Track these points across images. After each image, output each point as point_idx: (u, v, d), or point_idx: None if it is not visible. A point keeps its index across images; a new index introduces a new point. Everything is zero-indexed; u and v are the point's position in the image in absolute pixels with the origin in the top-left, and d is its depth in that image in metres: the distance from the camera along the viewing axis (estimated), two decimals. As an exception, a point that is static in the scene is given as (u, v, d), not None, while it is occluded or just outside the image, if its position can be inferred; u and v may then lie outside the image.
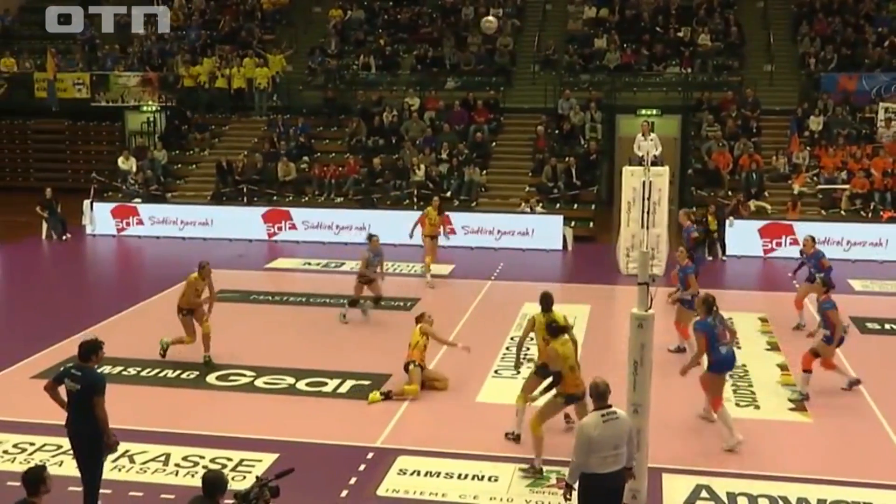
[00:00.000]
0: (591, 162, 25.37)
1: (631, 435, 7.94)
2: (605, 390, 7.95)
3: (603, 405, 7.89)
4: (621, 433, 7.81)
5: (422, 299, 17.60)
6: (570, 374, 9.94)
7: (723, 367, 11.03)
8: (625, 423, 7.90)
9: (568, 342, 10.19)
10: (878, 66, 26.89)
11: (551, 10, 31.58)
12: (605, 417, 7.81)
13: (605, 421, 7.79)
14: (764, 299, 18.05)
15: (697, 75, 27.83)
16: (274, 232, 23.86)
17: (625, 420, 7.94)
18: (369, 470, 10.17)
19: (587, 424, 7.82)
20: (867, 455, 10.72)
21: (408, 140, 26.41)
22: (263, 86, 29.07)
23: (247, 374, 13.22)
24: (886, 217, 22.32)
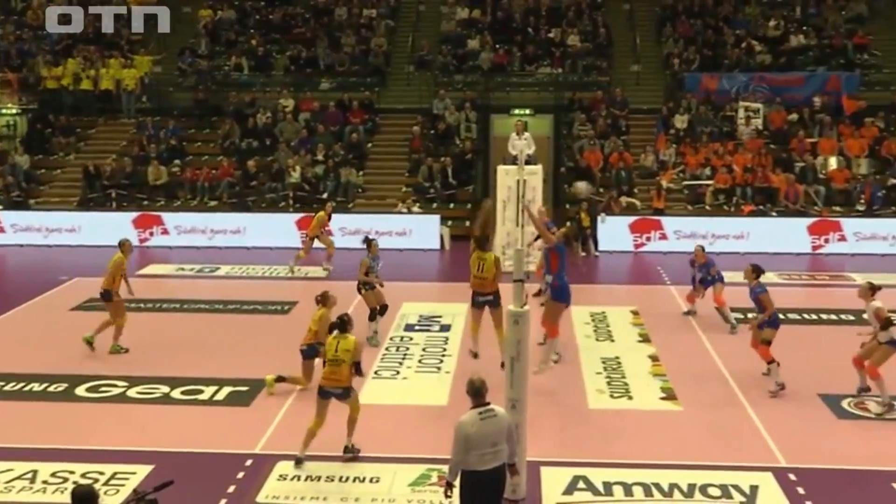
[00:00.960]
0: (467, 161, 25.63)
1: (511, 431, 8.01)
2: (482, 388, 8.01)
3: (480, 403, 7.96)
4: (499, 430, 7.87)
5: (299, 302, 17.42)
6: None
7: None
8: (503, 420, 7.96)
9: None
10: (737, 67, 28.06)
11: (425, 11, 31.76)
12: (483, 415, 7.88)
13: (483, 418, 7.86)
14: (635, 292, 18.60)
15: (568, 75, 28.44)
16: (145, 237, 23.23)
17: (503, 417, 7.99)
18: (248, 477, 10.01)
19: (464, 422, 7.87)
20: (734, 440, 11.17)
21: (283, 142, 26.12)
22: (131, 87, 28.27)
23: (118, 385, 12.83)
24: (748, 211, 23.33)
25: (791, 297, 18.21)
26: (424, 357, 14.22)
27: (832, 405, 12.12)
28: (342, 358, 10.15)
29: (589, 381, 13.10)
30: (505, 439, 7.91)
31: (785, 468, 10.24)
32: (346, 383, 10.27)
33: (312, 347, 12.30)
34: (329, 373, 10.22)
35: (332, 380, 10.22)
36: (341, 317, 10.60)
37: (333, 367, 10.19)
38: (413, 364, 13.88)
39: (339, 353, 10.16)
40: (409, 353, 14.42)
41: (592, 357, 14.00)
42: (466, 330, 15.30)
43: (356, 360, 10.26)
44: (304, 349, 12.51)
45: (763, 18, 29.91)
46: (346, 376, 10.23)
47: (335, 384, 10.22)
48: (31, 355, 14.14)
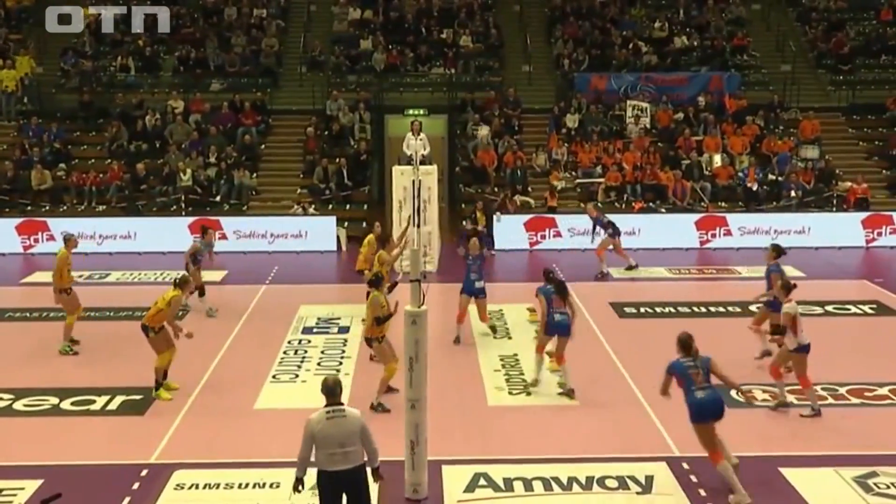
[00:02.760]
0: (362, 162, 25.55)
1: (365, 434, 7.95)
2: (335, 387, 8.06)
3: (331, 402, 7.98)
4: (349, 432, 7.86)
5: (193, 308, 17.08)
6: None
7: (702, 413, 9.65)
8: (353, 422, 7.92)
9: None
10: (625, 67, 28.72)
11: (316, 11, 31.49)
12: (331, 415, 7.90)
13: (330, 418, 7.88)
14: (532, 290, 18.70)
15: (461, 76, 28.64)
16: (30, 244, 22.41)
17: (354, 419, 7.95)
18: (144, 488, 9.79)
19: (311, 420, 7.94)
20: (629, 432, 11.45)
21: (173, 144, 25.55)
22: (11, 89, 27.23)
23: (4, 398, 12.36)
24: (638, 208, 23.91)
25: (680, 290, 18.78)
26: (323, 360, 14.13)
27: (721, 395, 12.48)
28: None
29: (488, 378, 13.24)
30: (356, 441, 7.90)
31: (678, 457, 10.56)
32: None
33: (146, 328, 12.48)
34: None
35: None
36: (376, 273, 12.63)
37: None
38: (312, 367, 13.78)
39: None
40: (308, 356, 14.31)
41: (491, 354, 14.14)
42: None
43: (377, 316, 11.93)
44: (143, 326, 12.50)
45: (649, 20, 30.71)
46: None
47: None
48: None
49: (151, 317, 12.36)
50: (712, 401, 9.62)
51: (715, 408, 9.61)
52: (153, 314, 12.36)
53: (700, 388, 9.62)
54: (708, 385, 9.68)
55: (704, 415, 9.58)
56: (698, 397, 9.58)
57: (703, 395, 9.60)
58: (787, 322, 11.67)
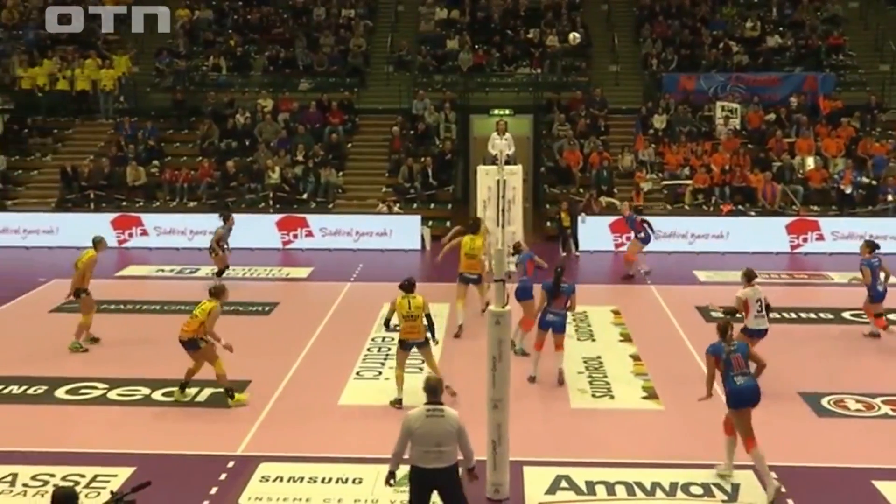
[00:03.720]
0: (447, 162, 25.63)
1: (462, 435, 7.98)
2: (437, 386, 8.10)
3: (432, 400, 8.02)
4: (445, 432, 7.89)
5: (281, 303, 17.39)
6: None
7: (740, 399, 9.80)
8: (451, 422, 7.95)
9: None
10: (714, 67, 28.22)
11: (403, 12, 31.73)
12: (430, 413, 7.95)
13: (429, 416, 7.93)
14: (615, 292, 18.64)
15: (547, 76, 28.51)
16: (125, 239, 23.07)
17: (452, 419, 7.97)
18: (230, 479, 9.98)
19: (410, 416, 7.99)
20: (715, 438, 11.18)
21: (262, 142, 26.03)
22: (109, 88, 28.07)
23: (99, 387, 12.74)
24: (726, 210, 23.46)
25: (770, 295, 18.23)
26: (407, 357, 14.15)
27: (812, 403, 12.22)
28: (416, 314, 11.95)
29: (571, 380, 13.14)
30: (452, 442, 7.93)
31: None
32: (424, 334, 12.06)
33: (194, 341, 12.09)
34: (409, 327, 12.02)
35: (412, 332, 12.01)
36: (409, 279, 12.39)
37: (412, 322, 12.00)
38: (395, 364, 13.81)
39: (413, 310, 11.96)
40: (391, 353, 14.34)
41: (574, 357, 14.03)
42: (449, 329, 15.41)
43: (427, 314, 12.02)
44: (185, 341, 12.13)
45: (740, 19, 30.11)
46: (423, 328, 12.02)
47: (416, 336, 12.02)
48: (10, 357, 14.03)
49: (195, 330, 12.07)
50: (750, 388, 9.74)
51: (752, 395, 9.74)
52: (196, 327, 12.07)
53: (740, 373, 9.78)
54: (748, 371, 9.84)
55: (742, 401, 9.71)
56: (738, 383, 9.72)
57: (742, 382, 9.74)
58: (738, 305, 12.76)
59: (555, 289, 12.94)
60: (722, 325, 10.18)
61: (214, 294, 12.43)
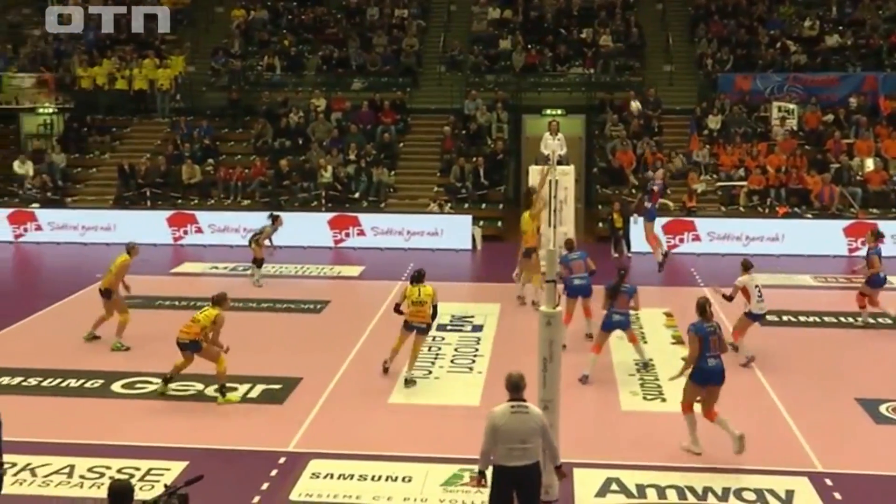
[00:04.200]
0: (498, 162, 25.60)
1: (546, 432, 7.97)
2: (519, 382, 8.01)
3: (516, 397, 7.96)
4: (530, 428, 7.84)
5: (332, 301, 17.51)
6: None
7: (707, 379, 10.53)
8: (535, 418, 7.92)
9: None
10: (771, 67, 27.82)
11: (456, 11, 31.75)
12: (514, 409, 7.88)
13: (514, 413, 7.86)
14: (668, 294, 18.45)
15: (600, 76, 28.33)
16: (179, 236, 23.41)
17: (536, 416, 7.95)
18: (281, 474, 10.07)
19: (495, 413, 7.91)
20: (767, 443, 11.06)
21: (314, 141, 26.23)
22: (165, 87, 28.50)
23: (153, 382, 12.94)
24: (782, 213, 23.10)
25: (827, 299, 18.06)
26: (456, 357, 14.22)
27: (870, 410, 11.98)
28: (425, 300, 12.78)
29: (622, 383, 13.05)
30: (537, 438, 7.88)
31: (821, 473, 10.14)
32: (429, 321, 12.88)
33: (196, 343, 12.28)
34: (415, 311, 12.76)
35: (418, 316, 12.75)
36: (419, 270, 13.17)
37: (418, 307, 12.75)
38: (445, 364, 13.88)
39: (422, 297, 12.79)
40: (441, 353, 14.43)
41: (625, 359, 13.93)
42: (499, 331, 15.40)
43: (435, 304, 12.90)
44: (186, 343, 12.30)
45: (798, 18, 29.64)
46: (428, 315, 12.81)
47: (421, 320, 12.76)
48: (67, 352, 14.32)
49: (196, 333, 12.24)
50: (718, 369, 10.54)
51: (720, 376, 10.57)
52: (197, 331, 12.27)
53: (713, 355, 10.53)
54: (719, 354, 10.61)
55: (707, 381, 10.52)
56: (709, 364, 10.49)
57: (713, 364, 10.52)
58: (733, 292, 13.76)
59: (616, 289, 13.19)
60: (700, 304, 10.84)
61: (217, 302, 12.60)
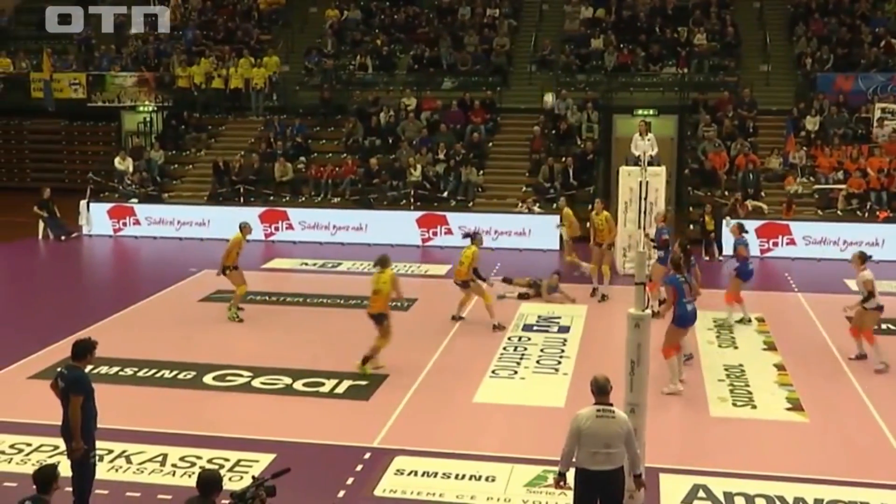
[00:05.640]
0: (588, 162, 25.38)
1: (630, 439, 7.84)
2: (605, 385, 7.91)
3: (602, 401, 7.87)
4: (614, 433, 7.74)
5: (419, 300, 17.60)
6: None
7: (686, 321, 12.44)
8: (621, 423, 7.81)
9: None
10: (874, 67, 26.92)
11: (548, 11, 31.57)
12: (600, 413, 7.79)
13: (599, 416, 7.77)
14: (760, 299, 18.01)
15: (694, 75, 27.85)
16: (271, 232, 23.85)
17: (621, 421, 7.84)
18: (366, 470, 10.16)
19: (580, 416, 7.83)
20: (864, 455, 10.74)
21: (404, 140, 26.39)
22: (260, 86, 29.05)
23: (244, 375, 13.21)
24: (883, 217, 22.34)
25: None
26: (542, 358, 14.15)
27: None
28: (380, 288, 13.18)
29: (711, 388, 12.80)
30: (621, 443, 7.77)
31: (918, 486, 9.79)
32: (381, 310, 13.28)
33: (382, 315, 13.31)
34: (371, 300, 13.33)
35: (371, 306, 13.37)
36: (382, 255, 13.66)
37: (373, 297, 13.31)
38: (531, 365, 13.83)
39: (378, 285, 13.22)
40: (527, 353, 14.38)
41: (715, 364, 13.67)
42: (586, 332, 15.29)
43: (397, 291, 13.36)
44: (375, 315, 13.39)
45: (905, 16, 28.65)
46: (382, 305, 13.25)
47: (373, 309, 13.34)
48: (162, 344, 14.71)
49: (380, 306, 13.29)
50: (694, 313, 12.54)
51: (694, 318, 12.63)
52: (381, 304, 13.29)
53: (689, 301, 12.37)
54: (693, 299, 12.47)
55: (686, 323, 12.43)
56: (688, 309, 12.34)
57: (690, 308, 12.36)
58: (869, 287, 13.43)
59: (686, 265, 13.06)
60: (675, 260, 12.47)
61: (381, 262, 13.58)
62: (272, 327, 15.76)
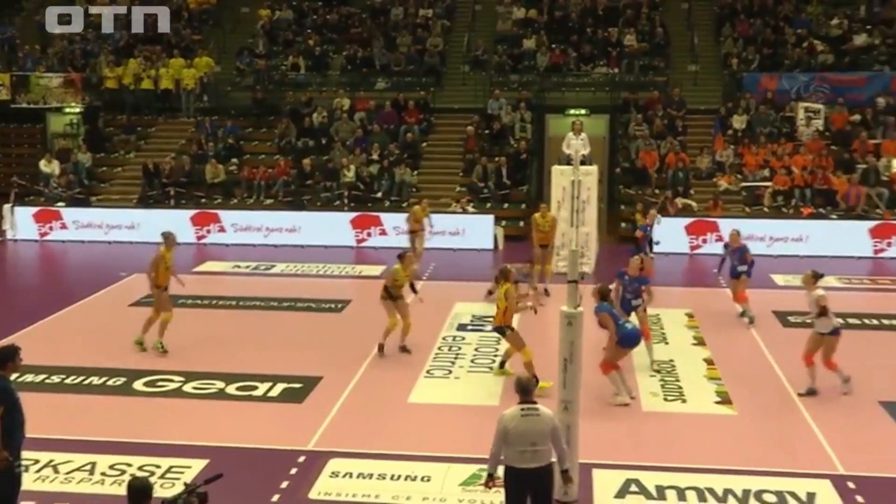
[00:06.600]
0: (522, 161, 25.56)
1: (556, 435, 7.92)
2: (528, 385, 8.02)
3: (526, 400, 7.95)
4: (540, 431, 7.81)
5: (353, 301, 17.55)
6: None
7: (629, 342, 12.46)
8: (546, 421, 7.88)
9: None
10: (797, 67, 27.57)
11: (481, 11, 31.70)
12: (525, 412, 7.86)
13: (524, 415, 7.83)
14: (690, 295, 18.37)
15: (624, 75, 28.21)
16: (202, 235, 23.55)
17: (546, 418, 7.90)
18: (301, 473, 10.09)
19: (505, 416, 7.90)
20: (790, 445, 11.00)
21: (338, 141, 26.28)
22: (191, 87, 28.66)
23: (175, 380, 13.02)
24: (807, 213, 22.91)
25: (851, 301, 17.87)
26: (477, 357, 14.20)
27: (893, 412, 11.86)
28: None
29: (642, 383, 12.98)
30: (547, 440, 7.86)
31: (843, 476, 10.04)
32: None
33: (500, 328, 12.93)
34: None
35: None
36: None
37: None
38: (465, 364, 13.87)
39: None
40: (462, 352, 14.42)
41: (646, 359, 13.85)
42: (520, 330, 15.33)
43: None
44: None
45: (825, 17, 29.34)
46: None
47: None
48: (91, 350, 14.42)
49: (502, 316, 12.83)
50: (636, 333, 12.60)
51: (637, 338, 12.60)
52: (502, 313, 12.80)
53: (627, 321, 12.65)
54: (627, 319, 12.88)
55: (630, 344, 12.47)
56: (628, 329, 12.43)
57: (630, 328, 12.51)
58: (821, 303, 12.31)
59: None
60: (603, 291, 12.46)
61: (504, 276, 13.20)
62: (204, 331, 15.54)
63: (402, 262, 14.20)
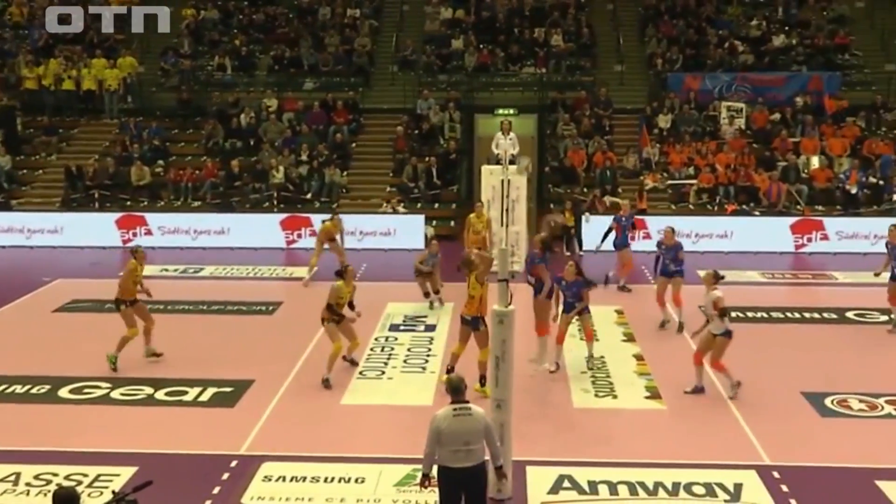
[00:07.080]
0: (451, 161, 25.63)
1: (489, 433, 7.98)
2: (459, 385, 8.05)
3: (458, 400, 7.98)
4: (472, 430, 7.86)
5: (284, 303, 17.41)
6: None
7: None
8: (478, 420, 7.92)
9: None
10: (720, 67, 28.17)
11: (408, 11, 31.71)
12: (457, 412, 7.90)
13: (457, 415, 7.87)
14: (619, 292, 18.60)
15: (552, 75, 28.49)
16: (129, 238, 23.06)
17: (479, 417, 7.95)
18: (233, 478, 9.98)
19: (438, 417, 7.93)
20: (717, 438, 11.23)
21: (266, 142, 26.05)
22: (114, 87, 28.09)
23: (102, 386, 12.76)
24: (731, 210, 23.41)
25: (774, 295, 18.35)
26: (409, 357, 14.22)
27: (815, 403, 12.19)
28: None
29: (574, 380, 13.13)
30: (480, 439, 7.91)
31: (769, 466, 10.31)
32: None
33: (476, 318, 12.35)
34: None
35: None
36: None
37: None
38: (398, 364, 13.88)
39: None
40: (394, 353, 14.42)
41: (578, 357, 14.01)
42: (452, 330, 15.40)
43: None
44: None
45: (745, 19, 30.06)
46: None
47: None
48: (13, 357, 14.07)
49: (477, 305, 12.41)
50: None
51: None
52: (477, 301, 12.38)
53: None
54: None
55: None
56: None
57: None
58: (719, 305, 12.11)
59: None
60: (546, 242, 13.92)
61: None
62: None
63: (345, 277, 13.64)
